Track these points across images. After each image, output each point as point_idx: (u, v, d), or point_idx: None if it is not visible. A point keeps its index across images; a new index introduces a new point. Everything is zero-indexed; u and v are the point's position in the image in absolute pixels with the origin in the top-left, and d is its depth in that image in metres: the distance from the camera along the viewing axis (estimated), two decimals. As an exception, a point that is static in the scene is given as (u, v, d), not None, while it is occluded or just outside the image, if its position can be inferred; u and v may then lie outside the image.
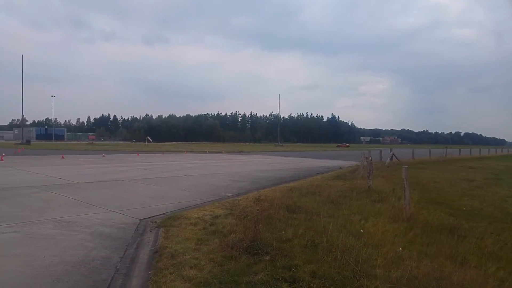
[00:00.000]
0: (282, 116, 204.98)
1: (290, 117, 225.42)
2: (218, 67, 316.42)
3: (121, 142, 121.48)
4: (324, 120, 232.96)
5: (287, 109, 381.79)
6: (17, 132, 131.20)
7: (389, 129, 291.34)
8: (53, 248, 5.49)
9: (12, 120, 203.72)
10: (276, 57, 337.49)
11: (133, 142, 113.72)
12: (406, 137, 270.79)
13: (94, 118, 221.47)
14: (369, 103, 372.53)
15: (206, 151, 49.67)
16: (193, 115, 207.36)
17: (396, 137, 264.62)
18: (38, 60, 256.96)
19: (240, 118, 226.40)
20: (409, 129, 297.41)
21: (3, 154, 28.19)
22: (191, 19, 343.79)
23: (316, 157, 38.83)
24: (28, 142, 71.93)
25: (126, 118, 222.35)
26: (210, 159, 31.06)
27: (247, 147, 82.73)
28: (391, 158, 26.17)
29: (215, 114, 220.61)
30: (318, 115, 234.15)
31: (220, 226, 6.57)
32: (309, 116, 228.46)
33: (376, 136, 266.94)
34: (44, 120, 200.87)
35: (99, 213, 8.16)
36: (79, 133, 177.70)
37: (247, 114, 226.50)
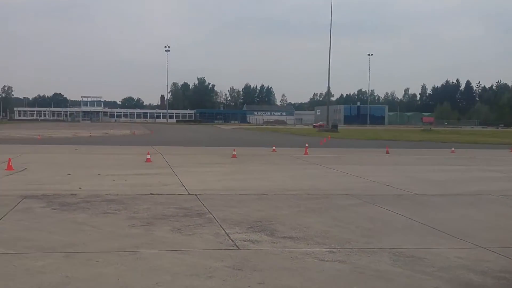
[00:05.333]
0: None
1: None
2: None
3: (476, 128, 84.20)
4: None
5: None
6: (319, 113, 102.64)
7: None
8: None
9: (314, 95, 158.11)
10: None
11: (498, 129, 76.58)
12: None
13: (433, 87, 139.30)
14: None
15: None
16: None
17: None
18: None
19: None
20: None
21: (306, 145, 20.60)
22: None
23: None
24: (334, 127, 55.02)
25: (488, 86, 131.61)
26: None
27: None
28: None
29: None
30: None
31: None
32: None
33: None
34: (356, 93, 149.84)
35: (459, 248, 5.12)
36: (407, 113, 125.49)
37: None
